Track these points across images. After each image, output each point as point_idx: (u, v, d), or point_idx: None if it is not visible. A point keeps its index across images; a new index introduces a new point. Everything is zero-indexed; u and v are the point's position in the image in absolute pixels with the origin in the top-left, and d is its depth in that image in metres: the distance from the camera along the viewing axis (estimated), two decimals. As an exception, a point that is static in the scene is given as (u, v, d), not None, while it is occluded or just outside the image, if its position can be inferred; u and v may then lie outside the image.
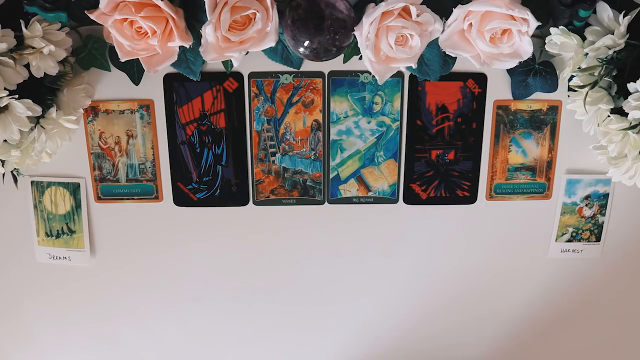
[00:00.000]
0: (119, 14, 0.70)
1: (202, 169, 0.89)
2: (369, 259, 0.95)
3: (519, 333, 1.02)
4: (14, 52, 0.71)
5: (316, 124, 0.87)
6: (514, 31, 0.72)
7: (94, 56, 0.80)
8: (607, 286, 0.99)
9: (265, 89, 0.85)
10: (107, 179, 0.89)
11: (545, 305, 1.00)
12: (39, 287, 0.96)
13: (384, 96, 0.86)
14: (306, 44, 0.73)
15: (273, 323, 1.00)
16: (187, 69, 0.81)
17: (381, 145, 0.89)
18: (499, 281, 0.97)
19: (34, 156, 0.79)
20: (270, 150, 0.88)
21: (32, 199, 0.90)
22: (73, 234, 0.92)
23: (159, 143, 0.88)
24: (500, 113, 0.88)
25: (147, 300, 0.97)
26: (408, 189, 0.91)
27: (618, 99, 0.77)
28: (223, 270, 0.95)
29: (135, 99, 0.85)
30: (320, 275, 0.96)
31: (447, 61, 0.81)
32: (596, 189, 0.92)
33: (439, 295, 0.98)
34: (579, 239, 0.95)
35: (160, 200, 0.90)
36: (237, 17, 0.71)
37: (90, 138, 0.87)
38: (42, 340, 1.00)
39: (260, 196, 0.91)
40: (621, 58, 0.75)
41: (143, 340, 1.00)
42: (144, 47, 0.73)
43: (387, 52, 0.74)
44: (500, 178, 0.91)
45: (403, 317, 1.00)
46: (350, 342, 1.02)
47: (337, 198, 0.91)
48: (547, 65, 0.82)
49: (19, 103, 0.72)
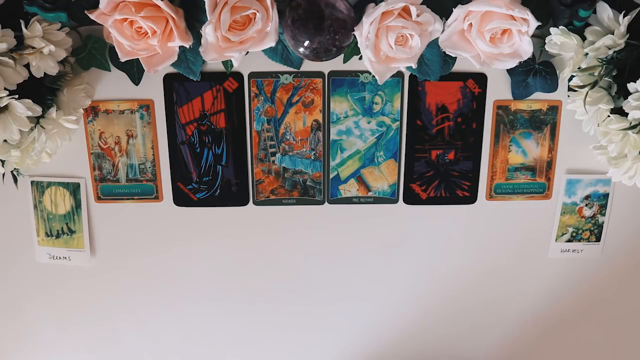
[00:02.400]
0: (119, 14, 0.70)
1: (202, 169, 0.89)
2: (369, 259, 0.95)
3: (519, 333, 1.02)
4: (14, 52, 0.71)
5: (316, 124, 0.87)
6: (514, 31, 0.72)
7: (94, 56, 0.80)
8: (607, 286, 0.99)
9: (265, 89, 0.85)
10: (107, 179, 0.89)
11: (545, 305, 1.00)
12: (39, 287, 0.96)
13: (384, 96, 0.86)
14: (306, 44, 0.73)
15: (273, 323, 1.00)
16: (187, 69, 0.81)
17: (381, 145, 0.89)
18: (498, 281, 0.97)
19: (34, 156, 0.79)
20: (270, 150, 0.88)
21: (32, 199, 0.90)
22: (73, 234, 0.92)
23: (159, 143, 0.88)
24: (500, 113, 0.88)
25: (147, 300, 0.97)
26: (408, 189, 0.91)
27: (618, 99, 0.77)
28: (223, 270, 0.95)
29: (135, 99, 0.85)
30: (320, 276, 0.96)
31: (447, 61, 0.81)
32: (596, 189, 0.92)
33: (438, 295, 0.98)
34: (579, 239, 0.95)
35: (160, 200, 0.90)
36: (237, 17, 0.71)
37: (90, 138, 0.87)
38: (42, 340, 1.00)
39: (260, 196, 0.91)
40: (621, 58, 0.75)
41: (143, 340, 1.00)
42: (144, 47, 0.73)
43: (387, 52, 0.74)
44: (500, 178, 0.91)
45: (403, 317, 1.00)
46: (350, 342, 1.02)
47: (337, 198, 0.91)
48: (547, 65, 0.82)
49: (19, 103, 0.72)
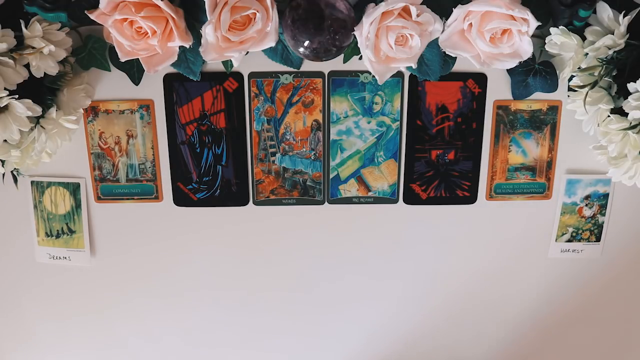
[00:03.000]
0: (119, 14, 0.70)
1: (202, 169, 0.89)
2: (369, 259, 0.95)
3: (519, 333, 1.02)
4: (14, 52, 0.71)
5: (316, 124, 0.87)
6: (514, 31, 0.72)
7: (94, 56, 0.80)
8: (607, 286, 0.99)
9: (265, 89, 0.85)
10: (107, 179, 0.89)
11: (545, 305, 1.00)
12: (39, 287, 0.96)
13: (384, 96, 0.86)
14: (306, 44, 0.73)
15: (272, 323, 1.00)
16: (187, 69, 0.81)
17: (381, 145, 0.89)
18: (498, 281, 0.97)
19: (34, 156, 0.79)
20: (270, 150, 0.88)
21: (32, 199, 0.90)
22: (73, 234, 0.92)
23: (159, 143, 0.88)
24: (500, 113, 0.88)
25: (147, 300, 0.97)
26: (408, 189, 0.91)
27: (618, 99, 0.77)
28: (223, 270, 0.95)
29: (135, 99, 0.85)
30: (319, 275, 0.96)
31: (447, 61, 0.81)
32: (596, 189, 0.92)
33: (438, 295, 0.98)
34: (579, 239, 0.95)
35: (160, 200, 0.90)
36: (237, 17, 0.71)
37: (90, 138, 0.87)
38: (42, 340, 1.00)
39: (260, 196, 0.91)
40: (621, 58, 0.75)
41: (143, 340, 1.00)
42: (144, 47, 0.73)
43: (387, 52, 0.74)
44: (500, 178, 0.91)
45: (403, 316, 1.00)
46: (350, 341, 1.02)
47: (337, 198, 0.91)
48: (547, 65, 0.82)
49: (19, 103, 0.72)
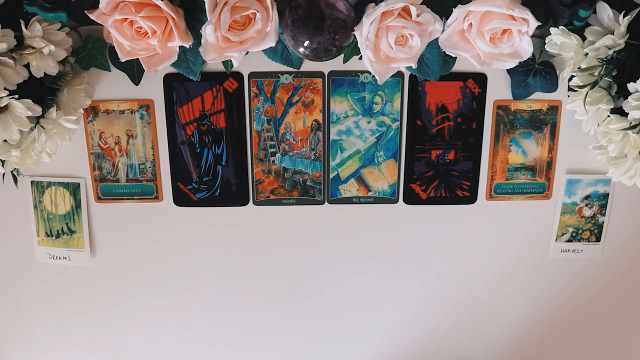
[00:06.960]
0: (119, 14, 0.70)
1: (202, 169, 0.89)
2: (369, 259, 0.95)
3: (519, 332, 1.02)
4: (14, 52, 0.71)
5: (316, 124, 0.87)
6: (514, 31, 0.72)
7: (94, 56, 0.80)
8: (607, 286, 0.99)
9: (265, 89, 0.85)
10: (107, 179, 0.89)
11: (545, 305, 1.00)
12: (39, 287, 0.96)
13: (384, 96, 0.86)
14: (306, 44, 0.73)
15: (272, 323, 1.00)
16: (187, 69, 0.81)
17: (381, 145, 0.89)
18: (499, 281, 0.97)
19: (34, 156, 0.79)
20: (270, 150, 0.88)
21: (32, 199, 0.90)
22: (73, 234, 0.92)
23: (159, 143, 0.88)
24: (500, 113, 0.88)
25: (147, 300, 0.97)
26: (408, 189, 0.91)
27: (618, 99, 0.77)
28: (223, 270, 0.95)
29: (135, 99, 0.85)
30: (319, 275, 0.96)
31: (447, 61, 0.81)
32: (596, 189, 0.92)
33: (438, 294, 0.98)
34: (579, 239, 0.95)
35: (160, 200, 0.90)
36: (237, 17, 0.71)
37: (90, 138, 0.87)
38: (42, 340, 1.00)
39: (260, 196, 0.91)
40: (621, 58, 0.75)
41: (142, 339, 1.00)
42: (144, 47, 0.73)
43: (387, 52, 0.74)
44: (500, 178, 0.91)
45: (402, 316, 1.00)
46: (349, 341, 1.02)
47: (337, 198, 0.91)
48: (547, 65, 0.82)
49: (19, 103, 0.72)
